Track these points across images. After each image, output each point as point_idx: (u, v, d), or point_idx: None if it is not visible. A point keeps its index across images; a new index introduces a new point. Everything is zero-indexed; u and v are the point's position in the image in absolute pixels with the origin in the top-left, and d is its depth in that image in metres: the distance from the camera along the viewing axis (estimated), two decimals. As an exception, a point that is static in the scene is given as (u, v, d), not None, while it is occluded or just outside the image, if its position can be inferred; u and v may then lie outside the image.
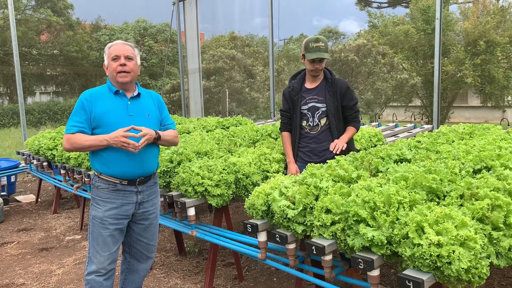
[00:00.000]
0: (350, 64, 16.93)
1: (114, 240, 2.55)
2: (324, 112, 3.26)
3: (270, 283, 3.52)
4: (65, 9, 23.70)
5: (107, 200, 2.52)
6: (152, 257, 2.82)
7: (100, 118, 2.46)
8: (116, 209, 2.52)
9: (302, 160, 3.34)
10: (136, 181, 2.55)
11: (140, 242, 2.71)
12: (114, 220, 2.53)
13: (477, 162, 2.51)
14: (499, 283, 3.33)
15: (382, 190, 2.04)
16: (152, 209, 2.68)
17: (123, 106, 2.52)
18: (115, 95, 2.53)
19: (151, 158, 2.62)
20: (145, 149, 2.52)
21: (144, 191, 2.61)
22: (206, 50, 21.66)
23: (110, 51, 2.51)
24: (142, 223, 2.66)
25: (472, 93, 18.93)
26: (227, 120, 5.93)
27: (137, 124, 2.47)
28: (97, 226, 2.52)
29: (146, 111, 2.59)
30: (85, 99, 2.47)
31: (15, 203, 6.47)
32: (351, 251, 1.98)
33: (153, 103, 2.67)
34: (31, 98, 25.51)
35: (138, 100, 2.59)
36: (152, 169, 2.66)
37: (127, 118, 2.50)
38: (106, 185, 2.52)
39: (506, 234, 1.82)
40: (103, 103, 2.49)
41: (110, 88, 2.55)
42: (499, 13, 14.25)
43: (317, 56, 3.14)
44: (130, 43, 2.59)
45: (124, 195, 2.54)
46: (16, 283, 3.68)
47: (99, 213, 2.51)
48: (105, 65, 2.57)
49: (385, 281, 3.40)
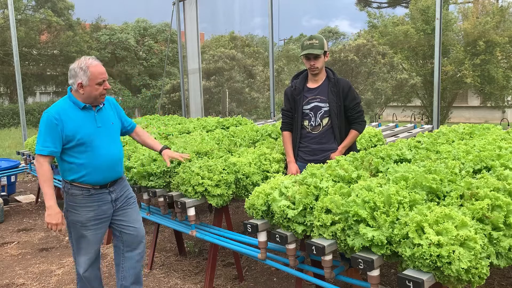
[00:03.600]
0: (350, 64, 16.93)
1: (96, 239, 2.70)
2: (326, 112, 3.26)
3: (270, 283, 3.52)
4: (65, 9, 23.67)
5: (85, 205, 2.64)
6: (143, 240, 2.91)
7: (73, 135, 2.54)
8: (95, 211, 2.65)
9: (302, 160, 3.34)
10: (107, 184, 2.70)
11: (128, 228, 2.81)
12: (95, 221, 2.66)
13: (477, 162, 2.51)
14: (499, 283, 3.33)
15: (382, 190, 2.04)
16: (127, 199, 2.83)
17: (91, 119, 2.63)
18: (83, 110, 2.61)
19: (120, 163, 2.78)
20: (115, 156, 2.71)
21: (116, 189, 2.75)
22: (206, 50, 21.67)
23: (95, 74, 2.52)
24: (123, 211, 2.79)
25: (472, 93, 18.92)
26: (227, 120, 5.93)
27: (105, 134, 2.65)
28: (79, 228, 2.65)
29: (110, 120, 2.74)
30: (54, 118, 2.51)
31: (15, 203, 6.47)
32: (351, 251, 1.98)
33: (111, 109, 2.80)
34: (31, 98, 25.49)
35: (102, 111, 2.71)
36: (121, 172, 2.82)
37: (96, 130, 2.63)
38: (80, 191, 2.63)
39: (506, 234, 1.82)
40: (72, 120, 2.55)
41: (75, 102, 2.60)
42: (499, 13, 14.24)
43: (308, 52, 3.17)
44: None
45: (99, 198, 2.67)
46: (16, 283, 3.68)
47: (80, 218, 2.63)
48: (81, 83, 2.53)
49: (385, 281, 3.40)
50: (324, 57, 3.25)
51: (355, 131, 3.31)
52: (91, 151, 2.58)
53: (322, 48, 3.19)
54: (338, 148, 3.28)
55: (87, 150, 2.57)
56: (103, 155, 2.62)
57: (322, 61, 3.24)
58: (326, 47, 3.24)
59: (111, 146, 2.68)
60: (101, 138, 2.63)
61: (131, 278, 2.86)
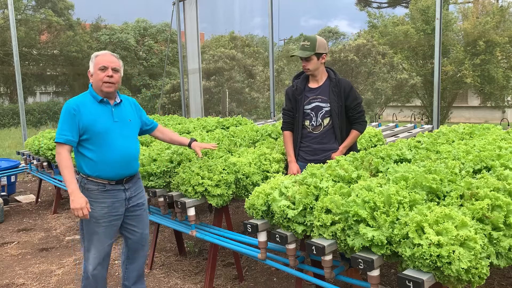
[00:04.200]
0: (350, 64, 16.93)
1: (108, 235, 2.72)
2: (327, 112, 3.27)
3: (270, 283, 3.52)
4: (66, 9, 23.68)
5: (99, 200, 2.67)
6: (147, 244, 2.99)
7: (88, 126, 2.61)
8: (108, 208, 2.68)
9: (303, 160, 3.35)
10: (123, 180, 2.74)
11: (134, 233, 2.87)
12: (108, 218, 2.69)
13: (477, 162, 2.51)
14: (499, 283, 3.33)
15: (382, 190, 2.04)
16: (140, 201, 2.87)
17: (108, 113, 2.69)
18: (100, 103, 2.68)
19: (135, 159, 2.83)
20: (131, 152, 2.74)
21: (131, 187, 2.79)
22: (206, 50, 21.66)
23: (98, 61, 2.64)
24: (133, 216, 2.83)
25: (472, 93, 18.92)
26: (227, 120, 5.93)
27: (121, 129, 2.69)
28: (92, 224, 2.67)
29: (128, 116, 2.79)
30: (72, 109, 2.60)
31: (15, 203, 6.47)
32: (351, 251, 1.98)
33: (131, 109, 2.87)
34: (31, 98, 25.49)
35: (120, 107, 2.77)
36: (136, 168, 2.86)
37: (113, 124, 2.68)
38: (96, 186, 2.67)
39: (506, 234, 1.82)
40: (90, 112, 2.63)
41: (94, 96, 2.69)
42: (499, 13, 14.24)
43: (293, 54, 3.28)
44: (116, 55, 2.74)
45: (114, 194, 2.70)
46: (16, 283, 3.69)
47: (93, 213, 2.64)
48: (90, 72, 2.69)
49: (385, 281, 3.40)
50: (318, 59, 3.22)
51: (356, 131, 3.32)
52: (106, 144, 2.64)
53: (313, 49, 3.18)
54: (339, 148, 3.28)
55: (102, 143, 2.63)
56: (118, 149, 2.66)
57: (314, 62, 3.22)
58: (321, 48, 3.20)
59: (127, 141, 2.72)
60: (117, 133, 2.68)
61: (134, 279, 2.98)
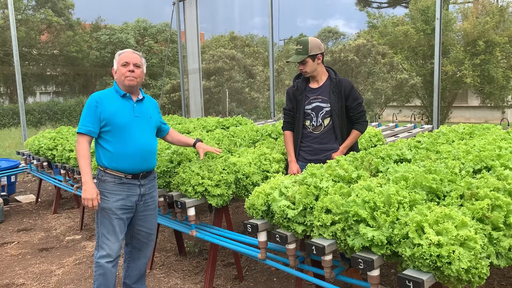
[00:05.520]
0: (350, 64, 16.93)
1: (121, 229, 2.78)
2: (328, 112, 3.27)
3: (270, 283, 3.52)
4: (66, 9, 23.69)
5: (114, 192, 2.75)
6: (152, 244, 3.06)
7: (109, 118, 2.72)
8: (123, 200, 2.76)
9: (304, 160, 3.35)
10: (139, 175, 2.81)
11: (141, 232, 2.94)
12: (122, 210, 2.77)
13: (477, 162, 2.51)
14: (499, 283, 3.33)
15: (382, 190, 2.04)
16: (151, 201, 2.94)
17: (130, 107, 2.80)
18: (123, 98, 2.80)
19: (153, 155, 2.90)
20: (148, 147, 2.83)
21: (146, 185, 2.87)
22: (206, 50, 21.65)
23: (121, 58, 2.78)
24: (142, 214, 2.90)
25: (472, 93, 18.92)
26: (227, 120, 5.93)
27: (141, 124, 2.79)
28: (107, 215, 2.74)
29: (148, 113, 2.90)
30: (95, 101, 2.73)
31: (15, 203, 6.47)
32: (351, 251, 1.98)
33: (152, 106, 2.98)
34: (31, 98, 25.50)
35: (142, 104, 2.88)
36: (153, 165, 2.93)
37: (134, 118, 2.79)
38: (113, 179, 2.76)
39: (506, 234, 1.82)
40: (112, 104, 2.75)
41: (117, 91, 2.81)
42: (498, 13, 14.25)
43: (289, 61, 3.31)
44: (138, 53, 2.87)
45: (129, 188, 2.78)
46: (16, 283, 3.69)
47: (108, 204, 2.73)
48: (114, 70, 2.83)
49: (385, 281, 3.40)
50: (313, 60, 3.22)
51: (357, 131, 3.31)
52: (126, 137, 2.73)
53: (307, 52, 3.18)
54: (340, 148, 3.28)
55: (121, 136, 2.72)
56: (136, 143, 2.75)
57: (310, 64, 3.23)
58: (314, 49, 3.19)
59: (145, 136, 2.82)
60: (136, 127, 2.77)
61: (135, 278, 3.03)
